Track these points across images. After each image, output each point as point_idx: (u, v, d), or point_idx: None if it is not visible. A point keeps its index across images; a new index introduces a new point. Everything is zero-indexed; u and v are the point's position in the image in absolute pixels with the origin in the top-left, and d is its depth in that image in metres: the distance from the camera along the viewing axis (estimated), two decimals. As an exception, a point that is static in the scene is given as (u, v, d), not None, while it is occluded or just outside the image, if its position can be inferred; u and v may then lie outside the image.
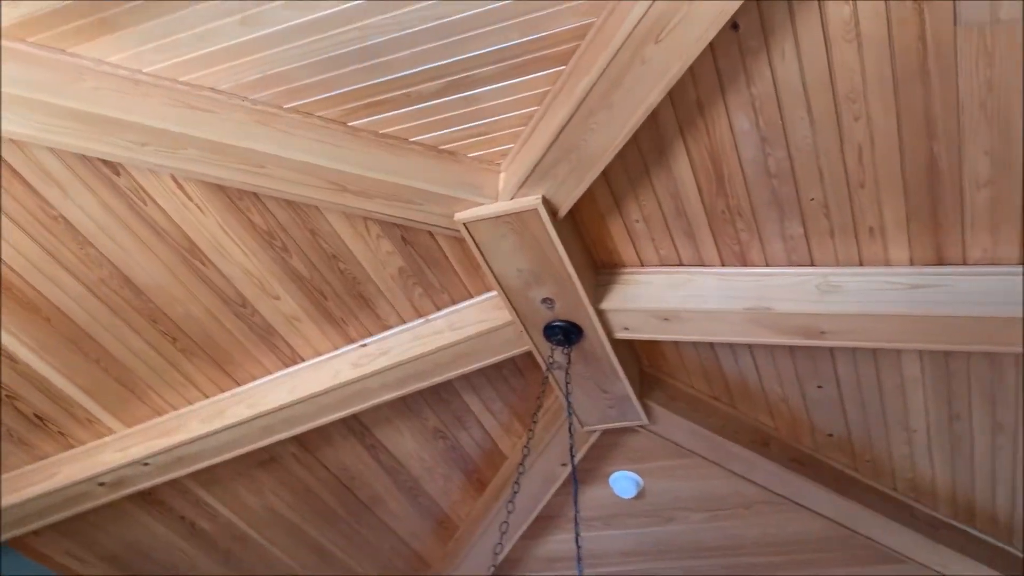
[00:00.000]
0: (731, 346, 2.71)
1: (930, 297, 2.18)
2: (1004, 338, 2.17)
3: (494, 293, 2.65)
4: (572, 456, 2.50)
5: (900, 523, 3.02)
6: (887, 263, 2.26)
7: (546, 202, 2.22)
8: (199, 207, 2.37)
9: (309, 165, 2.17)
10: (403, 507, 3.45)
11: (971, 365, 2.46)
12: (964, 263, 2.18)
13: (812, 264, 2.35)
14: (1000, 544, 3.08)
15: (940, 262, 2.20)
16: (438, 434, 3.20)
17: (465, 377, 3.03)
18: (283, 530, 3.40)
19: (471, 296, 2.70)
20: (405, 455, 3.25)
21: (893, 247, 2.22)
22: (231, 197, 2.35)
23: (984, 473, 2.83)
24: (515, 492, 2.40)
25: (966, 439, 2.73)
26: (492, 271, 2.40)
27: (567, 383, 2.64)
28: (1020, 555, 3.07)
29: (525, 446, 2.35)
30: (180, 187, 2.33)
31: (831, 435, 2.92)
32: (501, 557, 3.58)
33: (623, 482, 3.30)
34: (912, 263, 2.23)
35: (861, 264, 2.29)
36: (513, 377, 3.05)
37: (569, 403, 2.64)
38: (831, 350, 2.59)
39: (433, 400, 3.07)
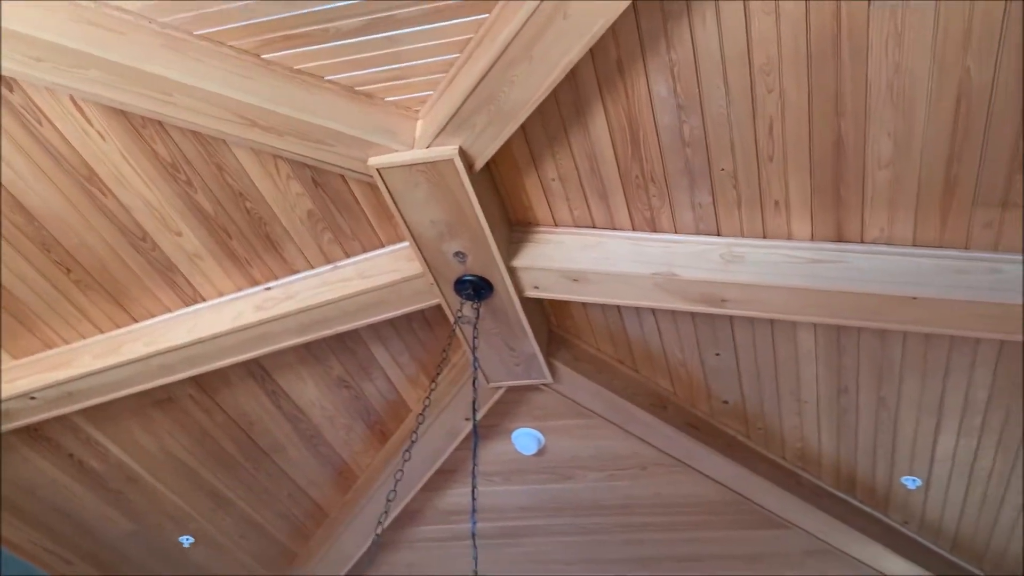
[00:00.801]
0: (637, 310, 2.75)
1: (827, 272, 2.25)
2: (895, 315, 2.26)
3: (406, 244, 2.62)
4: (474, 411, 2.52)
5: (786, 490, 3.15)
6: (789, 237, 2.32)
7: (463, 153, 2.19)
8: (100, 133, 2.27)
9: (218, 96, 2.09)
10: (303, 455, 3.42)
11: (861, 341, 2.57)
12: (862, 241, 2.26)
13: (719, 234, 2.39)
14: (877, 514, 3.25)
15: (839, 239, 2.28)
16: (342, 383, 3.17)
17: (372, 327, 3.00)
18: (178, 473, 3.33)
19: (382, 245, 2.66)
20: (307, 403, 3.21)
21: (796, 221, 2.28)
22: (134, 125, 2.26)
23: (866, 446, 2.96)
24: (412, 442, 2.40)
25: (852, 413, 2.85)
26: (404, 220, 2.38)
27: (474, 338, 2.64)
28: (895, 525, 3.25)
29: (427, 396, 2.35)
30: (80, 110, 2.21)
31: (726, 402, 3.01)
32: (392, 514, 3.58)
33: (525, 439, 3.34)
34: (813, 238, 2.30)
35: (765, 236, 2.35)
36: (422, 330, 3.04)
37: (475, 358, 2.65)
38: (731, 319, 2.66)
39: (338, 348, 3.04)
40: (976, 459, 2.83)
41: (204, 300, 2.77)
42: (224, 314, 2.72)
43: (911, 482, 3.01)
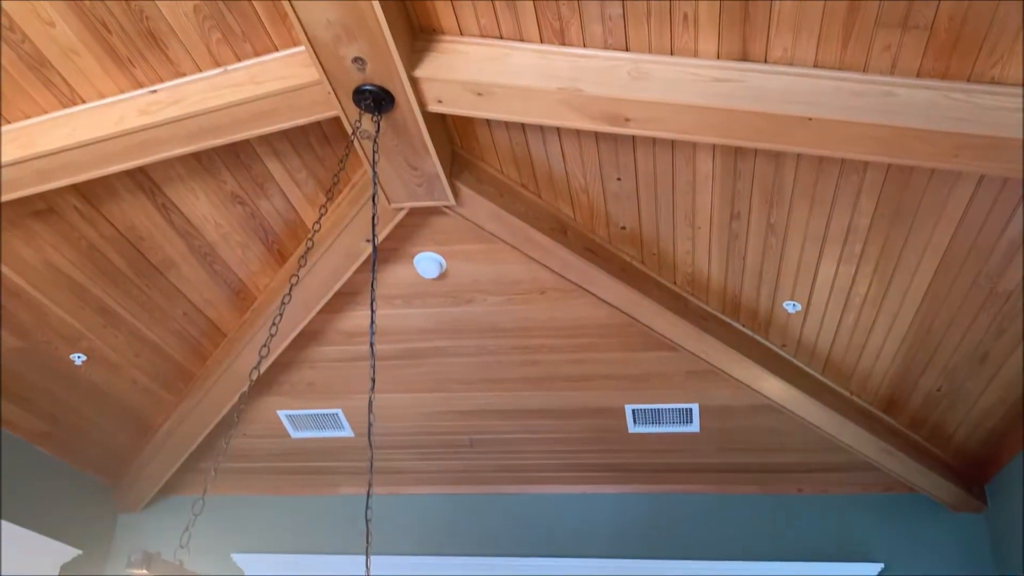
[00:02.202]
0: (542, 132, 2.72)
1: (729, 91, 2.26)
2: (790, 137, 2.30)
3: (301, 48, 2.49)
4: (373, 228, 2.48)
5: (675, 314, 3.28)
6: (696, 55, 2.30)
7: (361, -55, 2.05)
8: (-51, -102, 2.01)
9: None
10: (197, 273, 3.35)
11: (757, 166, 2.62)
12: (765, 61, 2.26)
13: (627, 49, 2.35)
14: (758, 338, 3.43)
15: (743, 58, 2.27)
16: (236, 199, 3.07)
17: (267, 141, 2.89)
18: (64, 288, 3.22)
19: (276, 49, 2.52)
20: (199, 219, 3.11)
21: (703, 39, 2.26)
22: None
23: (753, 272, 3.09)
24: (303, 262, 2.36)
25: (742, 239, 2.95)
26: (299, 19, 2.23)
27: (374, 152, 2.57)
28: (774, 348, 3.45)
29: (323, 206, 2.30)
30: None
31: (624, 228, 3.06)
32: (290, 336, 3.58)
33: (426, 263, 3.35)
34: (718, 57, 2.28)
35: (672, 53, 2.32)
36: (320, 146, 2.94)
37: (375, 174, 2.59)
38: (634, 143, 2.66)
39: (231, 162, 2.92)
40: (853, 285, 2.99)
41: (84, 102, 2.59)
42: (106, 117, 2.56)
43: (792, 307, 3.18)
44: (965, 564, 3.81)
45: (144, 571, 1.42)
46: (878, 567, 3.82)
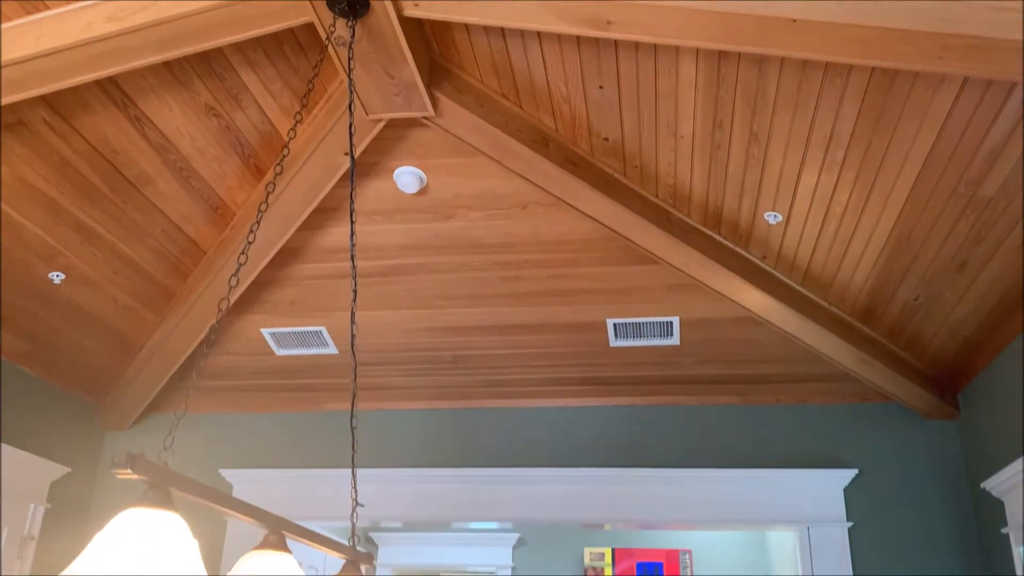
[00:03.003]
0: (523, 38, 2.66)
1: (713, -8, 2.21)
2: (776, 41, 2.26)
3: (273, -51, 2.40)
4: (351, 135, 2.44)
5: (657, 226, 3.28)
6: (679, -47, 2.24)
7: None
8: None
9: None
10: (174, 189, 3.30)
11: (740, 71, 2.58)
12: (750, -40, 2.21)
13: (608, -52, 2.29)
14: (739, 250, 3.44)
15: (728, -44, 2.21)
16: (211, 111, 3.01)
17: (241, 50, 2.82)
18: (39, 204, 3.17)
19: (247, -49, 2.43)
20: (174, 132, 3.05)
21: (687, -63, 2.20)
22: None
23: (735, 183, 3.08)
24: (277, 173, 2.32)
25: (724, 148, 2.93)
26: (269, -83, 2.15)
27: (350, 59, 2.51)
28: (754, 259, 3.46)
29: (297, 112, 2.25)
30: None
31: (606, 139, 3.03)
32: (270, 255, 3.56)
33: (406, 177, 3.31)
34: (702, -45, 2.23)
35: (654, -47, 2.26)
36: (295, 55, 2.87)
37: (351, 81, 2.53)
38: (616, 48, 2.61)
39: (205, 73, 2.85)
40: (834, 194, 2.99)
41: (48, 9, 2.50)
42: (72, 24, 2.47)
43: (773, 218, 3.18)
44: (938, 470, 3.92)
45: (129, 471, 1.43)
46: (852, 473, 3.92)
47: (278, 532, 1.90)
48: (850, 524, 3.88)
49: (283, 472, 4.35)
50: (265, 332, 4.11)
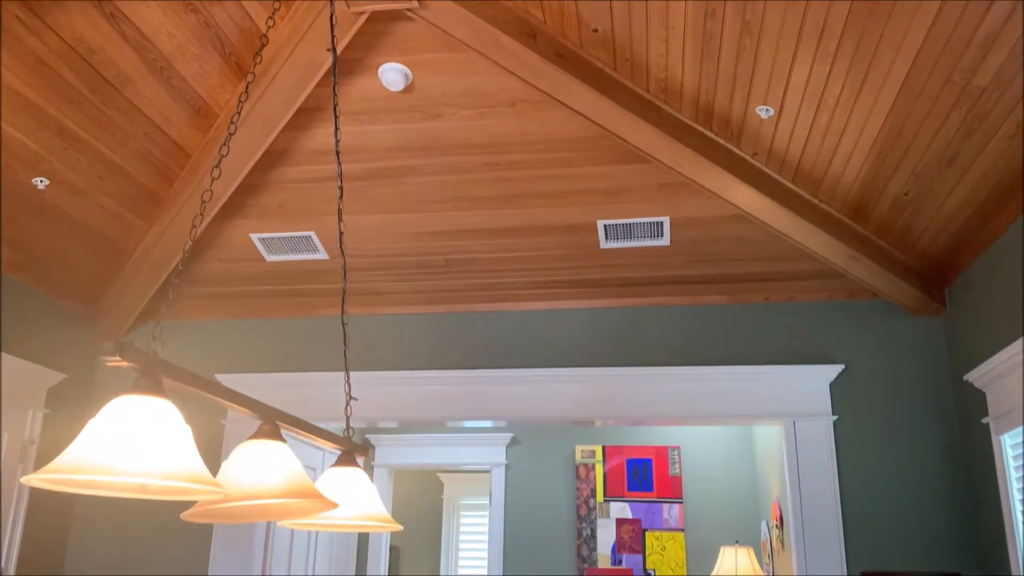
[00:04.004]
0: (506, -78, 2.57)
1: None
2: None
3: None
4: (332, 27, 2.38)
5: (648, 122, 3.24)
6: None
7: None
8: None
9: None
10: (154, 89, 3.23)
11: (732, -43, 2.51)
12: None
13: None
14: (730, 146, 3.41)
15: None
16: (188, 7, 2.92)
17: (216, -61, 2.72)
18: (17, 107, 3.10)
19: None
20: (151, 29, 2.96)
21: None
22: None
23: (726, 76, 3.03)
24: (258, 59, 2.27)
25: (716, 39, 2.86)
26: None
27: (329, -53, 2.43)
28: (746, 156, 3.43)
29: (272, 14, 2.19)
30: None
31: (596, 30, 2.96)
32: (256, 156, 3.51)
33: (391, 74, 3.25)
34: None
35: None
36: (272, -55, 2.77)
37: (331, -29, 2.45)
38: (605, -67, 2.53)
39: (180, -36, 2.76)
40: (826, 87, 2.94)
41: None
42: (37, -89, 2.38)
43: (764, 112, 3.14)
44: (922, 365, 3.99)
45: (118, 358, 1.45)
46: (838, 368, 3.99)
47: (272, 422, 1.93)
48: (835, 418, 3.97)
49: (278, 376, 4.40)
50: (255, 238, 4.09)
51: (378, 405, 4.33)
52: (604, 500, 5.68)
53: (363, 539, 5.89)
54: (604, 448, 5.79)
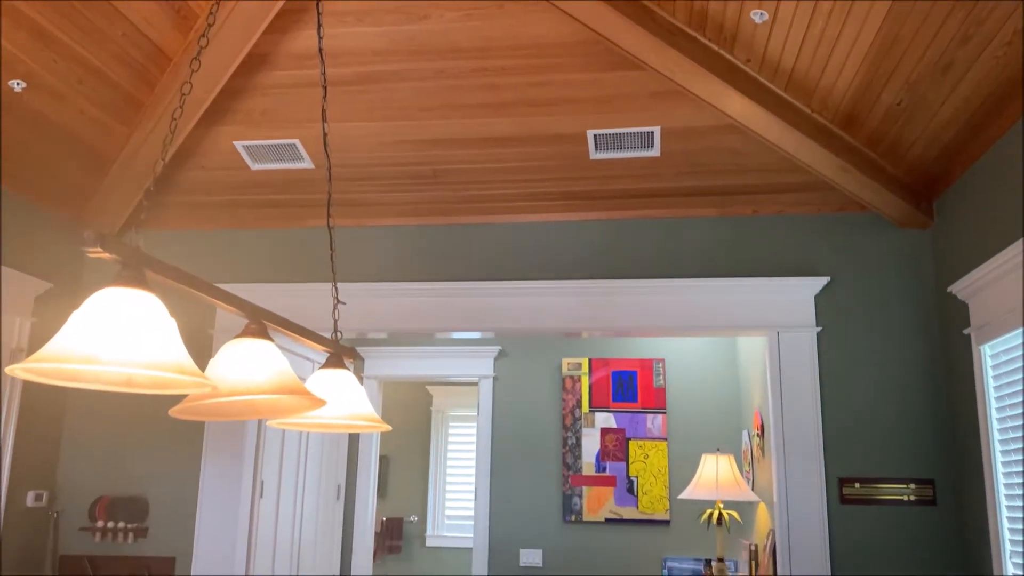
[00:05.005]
0: None
1: None
2: None
3: None
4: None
5: (641, 27, 3.16)
6: None
7: None
8: None
9: None
10: (132, -13, 3.13)
11: None
12: None
13: None
14: (723, 52, 3.35)
15: None
16: None
17: None
18: (-11, 4, 3.00)
19: None
20: (127, -79, 2.85)
21: None
22: None
23: (722, -22, 2.95)
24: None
25: (712, -62, 2.78)
26: None
27: None
28: (739, 63, 3.37)
29: None
30: None
31: (588, -72, 2.87)
32: (239, 59, 3.43)
33: (377, -26, 3.15)
34: None
35: None
36: None
37: None
38: None
39: None
40: (822, -10, 2.88)
41: None
42: None
43: (758, 16, 3.07)
44: (908, 277, 4.02)
45: (99, 249, 1.43)
46: (824, 281, 4.02)
47: (259, 321, 1.94)
48: (819, 329, 4.01)
49: (265, 287, 4.40)
50: (238, 145, 4.03)
51: (367, 316, 4.34)
52: (589, 410, 5.78)
53: (353, 448, 6.00)
54: (590, 361, 5.86)
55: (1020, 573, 3.13)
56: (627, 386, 5.77)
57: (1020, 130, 3.07)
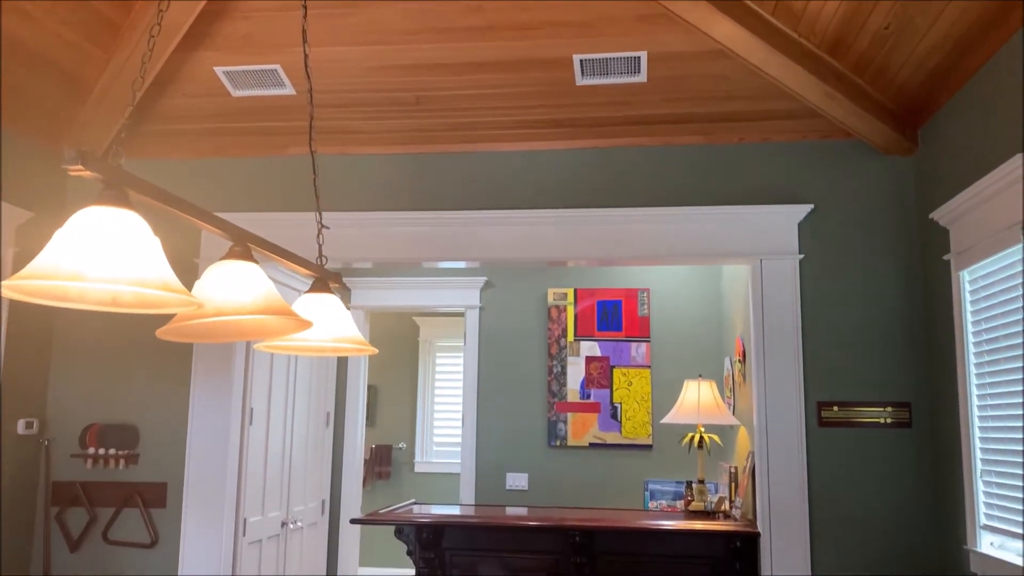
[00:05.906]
0: None
1: None
2: None
3: None
4: None
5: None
6: None
7: None
8: None
9: None
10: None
11: None
12: None
13: None
14: (710, -24, 3.30)
15: None
16: None
17: None
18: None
19: None
20: None
21: None
22: None
23: None
24: None
25: None
26: None
27: None
28: (724, -13, 3.33)
29: None
30: None
31: None
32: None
33: None
34: None
35: None
36: None
37: None
38: None
39: None
40: (812, -92, 2.82)
41: None
42: None
43: (747, -63, 3.02)
44: (890, 204, 4.05)
45: (80, 167, 1.43)
46: (807, 208, 4.04)
47: (243, 243, 1.94)
48: (801, 256, 4.05)
49: (249, 216, 4.38)
50: (219, 71, 3.97)
51: (352, 245, 4.34)
52: (575, 339, 5.85)
53: (341, 376, 6.06)
54: (576, 291, 5.91)
55: (988, 491, 3.24)
56: (612, 315, 5.83)
57: (1003, 58, 3.06)
